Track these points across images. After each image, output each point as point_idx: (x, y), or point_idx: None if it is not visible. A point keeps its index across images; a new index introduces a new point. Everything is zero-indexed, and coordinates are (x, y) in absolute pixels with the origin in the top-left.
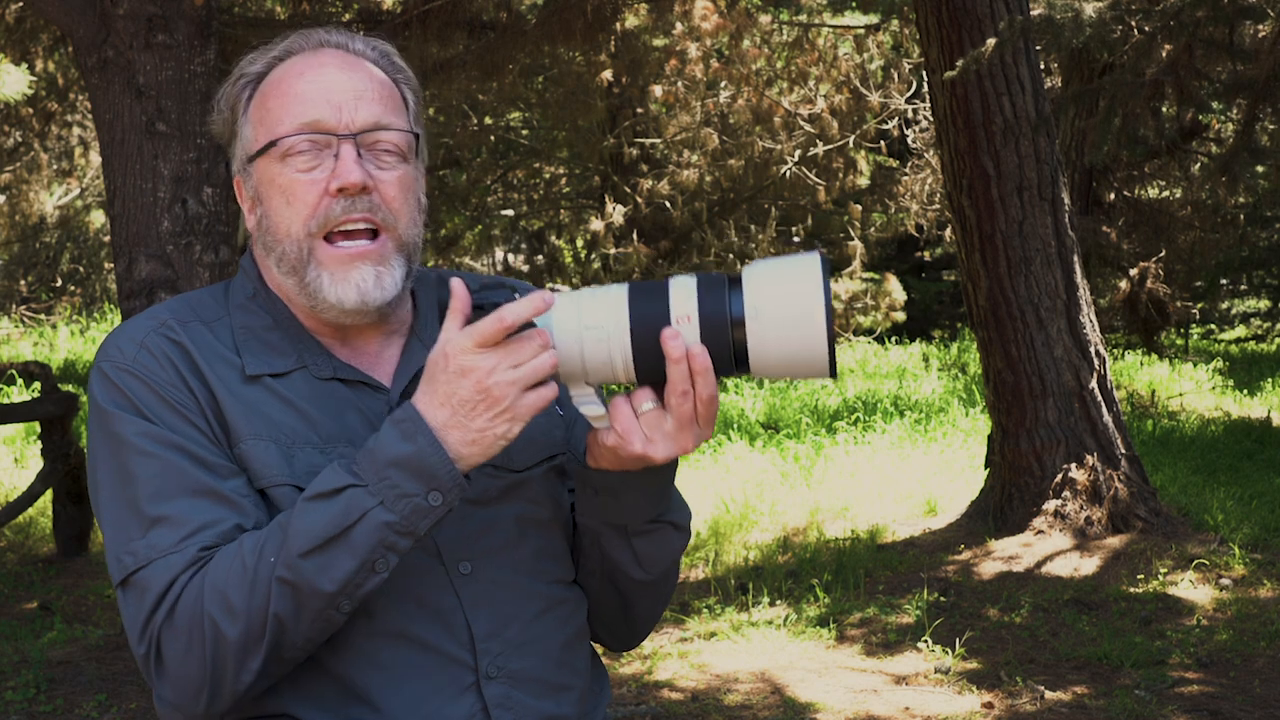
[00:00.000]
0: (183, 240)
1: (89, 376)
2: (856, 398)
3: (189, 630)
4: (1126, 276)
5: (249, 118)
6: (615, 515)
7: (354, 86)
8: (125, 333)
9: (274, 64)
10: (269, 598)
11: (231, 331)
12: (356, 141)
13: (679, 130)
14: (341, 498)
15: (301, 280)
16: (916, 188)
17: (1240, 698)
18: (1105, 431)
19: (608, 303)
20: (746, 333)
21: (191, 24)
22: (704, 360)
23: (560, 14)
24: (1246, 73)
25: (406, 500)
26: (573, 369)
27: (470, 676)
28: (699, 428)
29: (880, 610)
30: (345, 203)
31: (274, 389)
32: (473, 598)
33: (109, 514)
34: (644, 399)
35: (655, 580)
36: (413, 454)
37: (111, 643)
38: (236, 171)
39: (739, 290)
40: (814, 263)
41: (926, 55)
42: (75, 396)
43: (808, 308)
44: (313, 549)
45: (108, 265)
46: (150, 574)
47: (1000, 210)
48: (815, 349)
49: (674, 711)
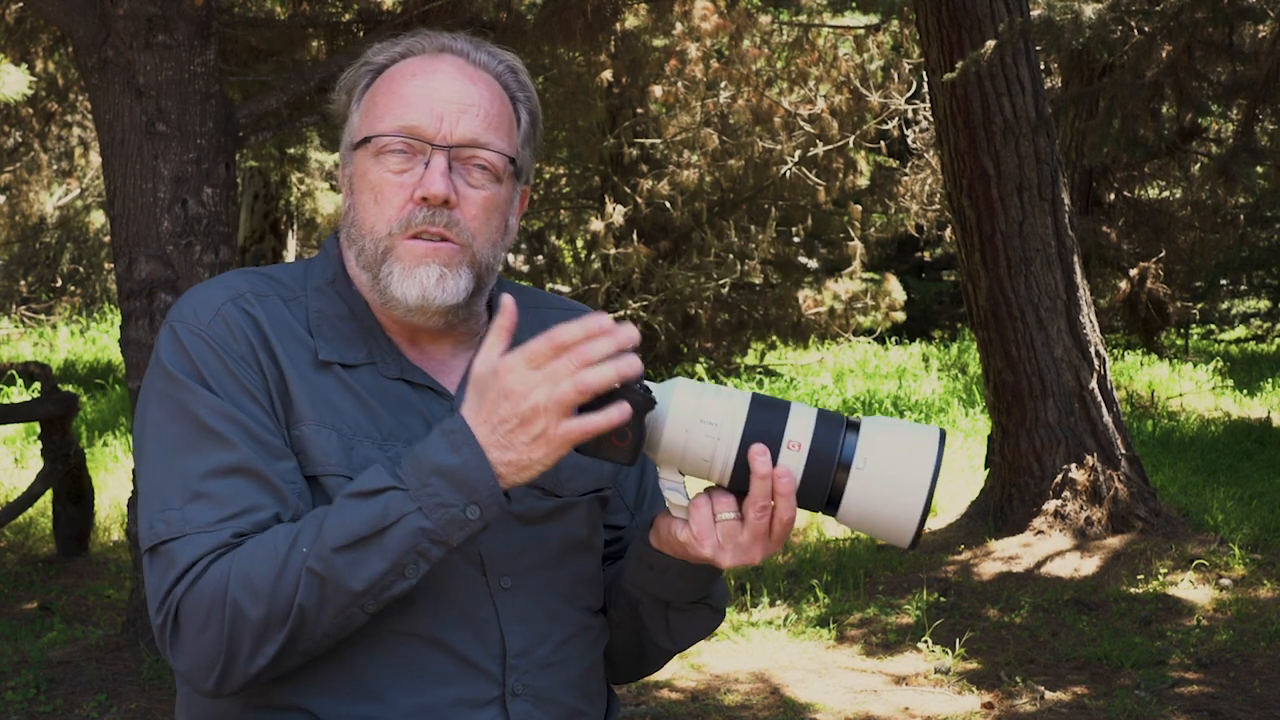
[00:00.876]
0: (183, 240)
1: (159, 333)
2: (856, 398)
3: (209, 608)
4: (1126, 277)
5: (359, 107)
6: (661, 591)
7: (462, 98)
8: (202, 296)
9: (395, 60)
10: (296, 586)
11: (306, 313)
12: (450, 154)
13: (679, 130)
14: (381, 498)
15: (375, 276)
16: (916, 188)
17: (1240, 698)
18: (1105, 432)
19: (730, 405)
20: (849, 479)
21: (191, 24)
22: (789, 484)
23: (560, 14)
24: (1246, 74)
25: (445, 510)
26: (671, 454)
27: (495, 690)
28: (769, 543)
29: (880, 610)
30: (427, 212)
31: (343, 378)
32: (510, 613)
33: (151, 476)
34: (726, 507)
35: (678, 650)
36: (458, 465)
37: (111, 643)
38: (341, 156)
39: (855, 436)
40: (934, 437)
41: (926, 56)
42: (75, 397)
43: (916, 479)
44: (346, 545)
45: (108, 265)
46: (180, 547)
47: (1000, 210)
48: (907, 519)
49: (673, 711)
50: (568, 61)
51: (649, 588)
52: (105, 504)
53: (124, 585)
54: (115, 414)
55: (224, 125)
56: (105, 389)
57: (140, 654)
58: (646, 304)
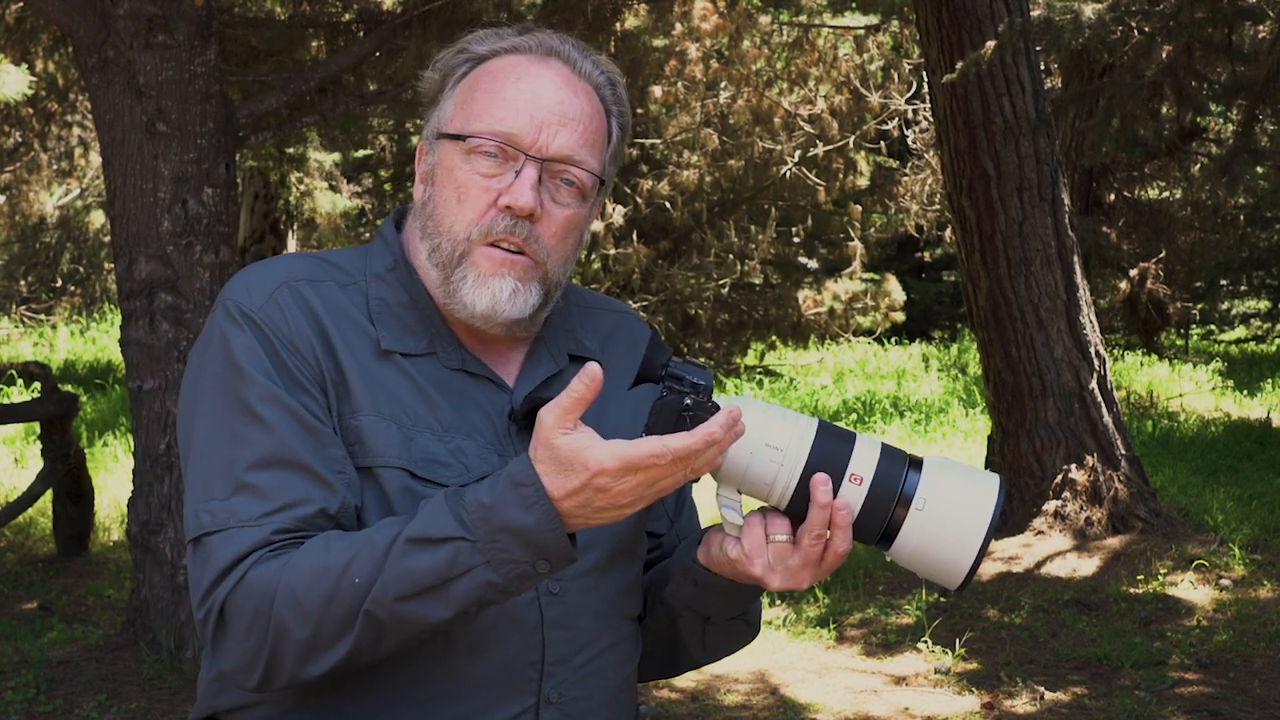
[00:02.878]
0: (183, 240)
1: (212, 311)
2: (856, 398)
3: (253, 616)
4: (1126, 277)
5: (454, 94)
6: (703, 608)
7: (563, 110)
8: (257, 277)
9: (498, 53)
10: (346, 619)
11: (366, 299)
12: (542, 167)
13: (679, 131)
14: (447, 548)
15: (448, 276)
16: (916, 188)
17: (1240, 698)
18: (1105, 432)
19: (796, 430)
20: (908, 515)
21: (191, 24)
22: (847, 517)
23: (560, 14)
24: (1246, 74)
25: (513, 566)
26: (733, 473)
27: (531, 698)
28: (819, 570)
29: (880, 611)
30: (509, 222)
31: (404, 368)
32: (555, 619)
33: (199, 463)
34: (780, 529)
35: (709, 661)
36: (530, 527)
37: (111, 643)
38: (424, 138)
39: (917, 475)
40: (995, 483)
41: (926, 56)
42: (75, 397)
43: (975, 523)
44: (411, 595)
45: (108, 265)
46: (220, 542)
47: (1000, 211)
48: (961, 562)
49: (673, 711)
50: None
51: (691, 603)
52: (105, 504)
53: (124, 585)
54: (115, 414)
55: (224, 125)
56: (105, 389)
57: (140, 654)
58: (646, 304)
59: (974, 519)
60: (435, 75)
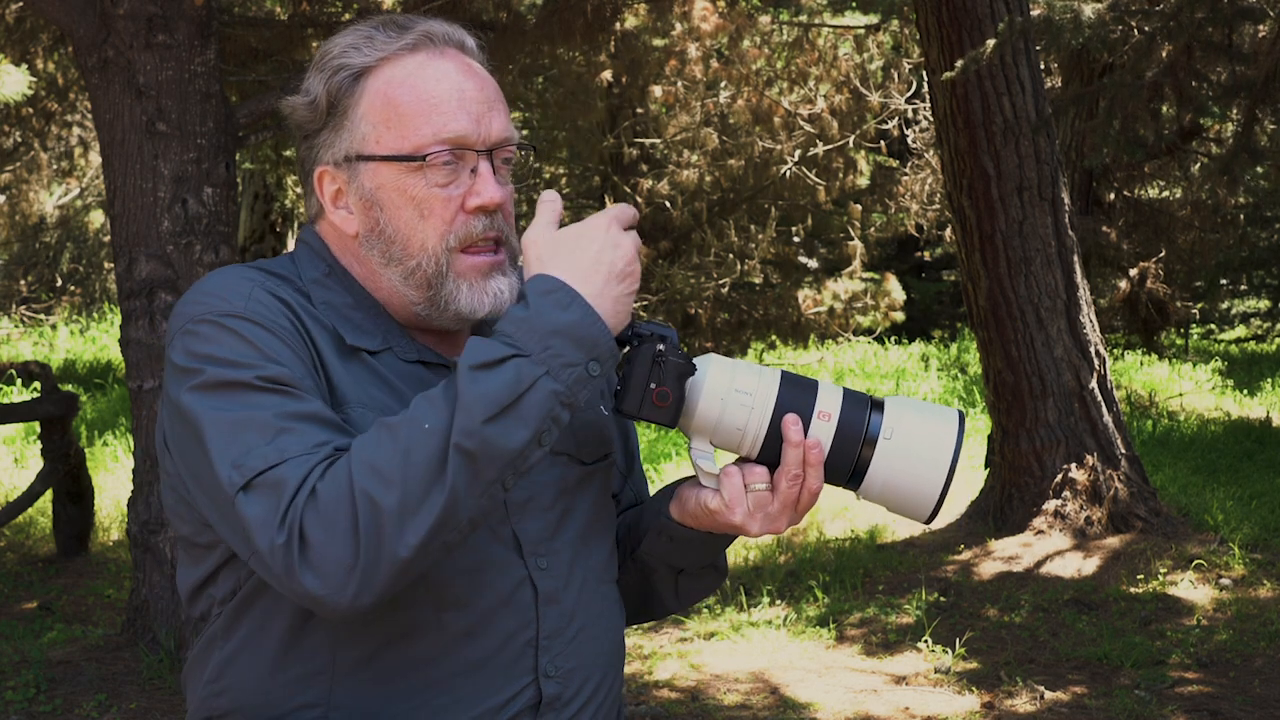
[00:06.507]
0: (183, 240)
1: (178, 338)
2: None
3: (337, 506)
4: (1126, 276)
5: (361, 114)
6: (678, 561)
7: (484, 96)
8: (225, 285)
9: (390, 59)
10: (431, 466)
11: (311, 302)
12: (490, 156)
13: (679, 130)
14: (509, 366)
15: (435, 293)
16: (916, 188)
17: (1240, 698)
18: (1105, 431)
19: (762, 376)
20: (875, 452)
21: (191, 24)
22: (819, 454)
23: (560, 14)
24: (1246, 74)
25: (571, 369)
26: (705, 423)
27: (529, 675)
28: (795, 514)
29: (880, 610)
30: (485, 220)
31: (369, 364)
32: (546, 594)
33: (219, 439)
34: (759, 478)
35: (682, 609)
36: (574, 323)
37: (111, 643)
38: (327, 162)
39: (879, 414)
40: (954, 416)
41: (926, 55)
42: (75, 396)
43: (939, 453)
44: (495, 415)
45: (108, 265)
46: (283, 469)
47: (1000, 210)
48: (929, 491)
49: (673, 711)
50: (568, 61)
51: (667, 558)
52: (105, 504)
53: (124, 585)
54: (115, 414)
55: (224, 125)
56: (105, 389)
57: (140, 654)
58: (646, 304)
59: (938, 449)
60: (317, 101)
